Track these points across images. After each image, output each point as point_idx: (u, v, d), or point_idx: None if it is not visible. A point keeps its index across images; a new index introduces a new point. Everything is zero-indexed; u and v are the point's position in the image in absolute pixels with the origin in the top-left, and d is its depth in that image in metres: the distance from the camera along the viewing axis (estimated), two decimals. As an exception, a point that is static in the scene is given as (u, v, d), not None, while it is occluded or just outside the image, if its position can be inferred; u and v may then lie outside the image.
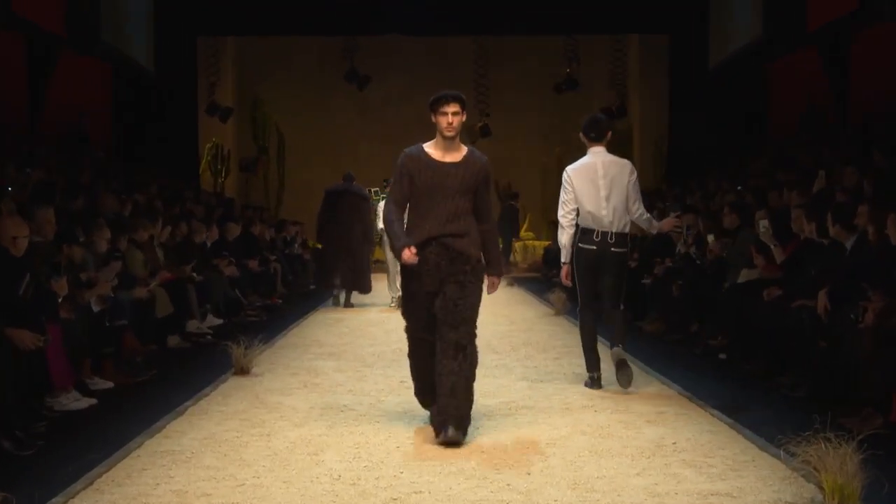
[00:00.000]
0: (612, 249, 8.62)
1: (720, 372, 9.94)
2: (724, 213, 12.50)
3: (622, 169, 8.72)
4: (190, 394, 8.60)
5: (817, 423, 5.60)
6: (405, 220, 7.30)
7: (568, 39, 26.91)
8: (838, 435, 5.39)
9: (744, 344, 10.20)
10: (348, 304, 16.34)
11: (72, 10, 17.71)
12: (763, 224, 10.43)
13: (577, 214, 8.66)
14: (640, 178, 8.94)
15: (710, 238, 12.24)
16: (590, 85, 26.98)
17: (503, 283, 9.00)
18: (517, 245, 25.48)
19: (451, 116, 7.27)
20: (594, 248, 8.62)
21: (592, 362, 8.93)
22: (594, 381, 8.88)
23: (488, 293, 7.40)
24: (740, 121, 21.84)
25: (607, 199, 8.57)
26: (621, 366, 8.58)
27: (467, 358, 7.05)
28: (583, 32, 26.02)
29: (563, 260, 8.90)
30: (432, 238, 7.07)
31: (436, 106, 7.41)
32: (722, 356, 10.64)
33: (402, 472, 6.10)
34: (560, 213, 8.79)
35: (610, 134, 8.89)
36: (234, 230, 16.12)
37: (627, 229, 8.77)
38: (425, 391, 7.47)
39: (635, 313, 14.11)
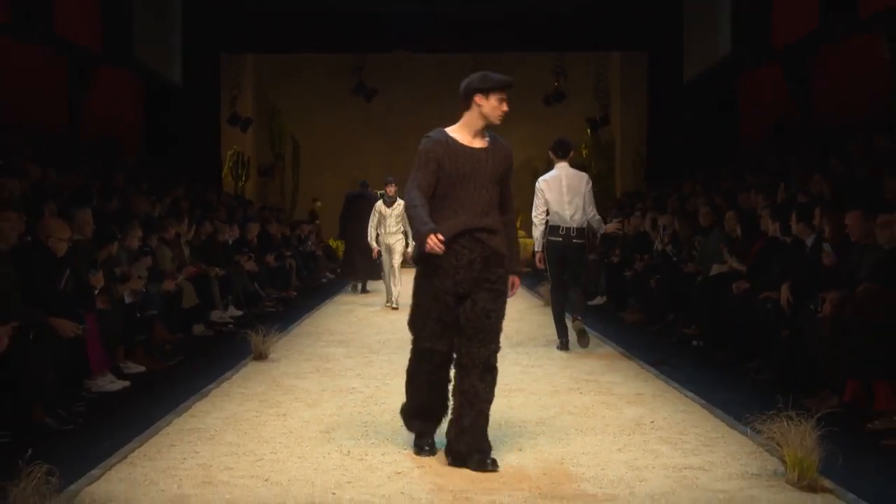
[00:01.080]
0: (574, 241, 10.12)
1: (694, 358, 9.96)
2: (698, 214, 12.51)
3: (580, 180, 10.22)
4: (213, 377, 8.63)
5: (780, 404, 5.62)
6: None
7: (556, 56, 26.89)
8: (799, 414, 5.41)
9: (715, 333, 10.21)
10: (364, 290, 17.60)
11: (108, 28, 17.84)
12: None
13: (547, 214, 10.09)
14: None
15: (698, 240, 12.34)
16: (576, 97, 26.95)
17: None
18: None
19: (505, 104, 6.42)
20: (560, 240, 10.09)
21: (561, 330, 10.38)
22: (563, 345, 10.26)
23: (509, 296, 6.10)
24: (712, 130, 21.81)
25: (570, 203, 10.07)
26: (581, 333, 10.04)
27: (494, 380, 5.88)
28: (569, 49, 25.97)
29: (536, 249, 10.40)
30: (467, 231, 5.82)
31: (491, 89, 6.45)
32: (695, 343, 10.66)
33: (405, 449, 6.12)
34: (534, 213, 10.23)
35: (572, 153, 10.46)
36: (253, 229, 16.13)
37: (585, 226, 10.22)
38: (422, 413, 6.12)
39: (617, 305, 14.19)
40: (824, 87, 17.37)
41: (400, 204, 14.14)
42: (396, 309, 14.13)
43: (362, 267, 16.99)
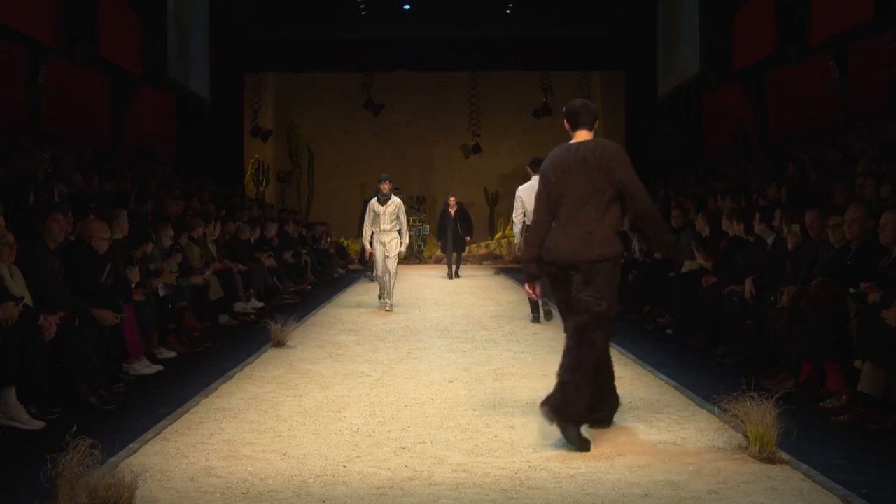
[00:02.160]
0: None
1: (667, 344, 9.94)
2: (671, 216, 12.47)
3: None
4: (237, 362, 8.64)
5: (744, 385, 5.62)
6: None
7: (544, 74, 26.89)
8: (760, 394, 5.41)
9: (686, 322, 10.20)
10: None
11: (146, 52, 17.94)
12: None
13: (524, 216, 10.96)
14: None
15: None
16: (561, 111, 26.80)
17: (491, 271, 13.77)
18: (503, 241, 25.47)
19: None
20: None
21: (533, 307, 11.83)
22: (535, 319, 11.71)
23: None
24: (682, 141, 21.91)
25: None
26: (547, 313, 11.59)
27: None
28: (556, 69, 26.03)
29: (516, 241, 11.96)
30: None
31: None
32: (669, 331, 10.64)
33: (409, 427, 6.11)
34: (514, 216, 11.37)
35: None
36: (273, 229, 16.10)
37: None
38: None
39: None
40: (779, 105, 17.59)
41: (394, 202, 13.02)
42: (390, 312, 12.88)
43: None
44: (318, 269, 18.87)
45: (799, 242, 8.20)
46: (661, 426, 6.09)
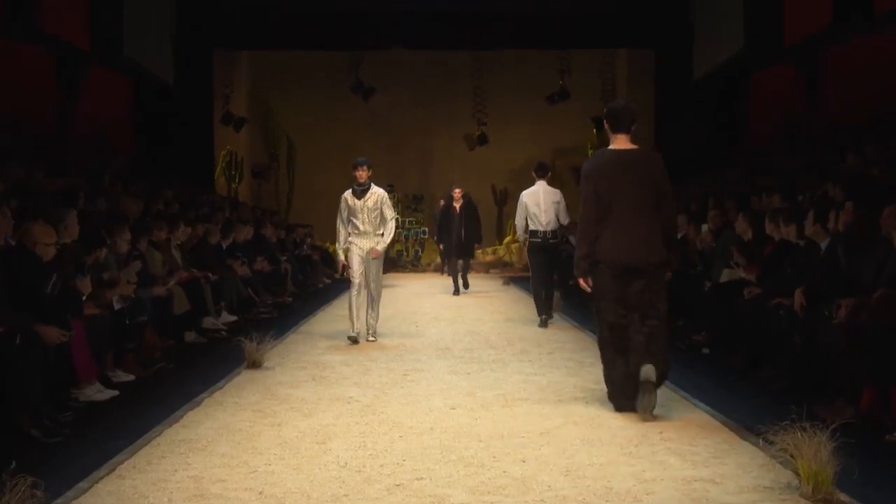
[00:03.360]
0: (550, 241, 13.05)
1: (704, 366, 9.93)
2: (709, 217, 12.48)
3: (554, 195, 13.10)
4: (205, 386, 8.61)
5: (793, 414, 5.60)
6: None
7: (560, 53, 26.92)
8: (813, 424, 5.39)
9: (726, 340, 10.20)
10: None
11: (96, 26, 17.79)
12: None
13: (527, 219, 13.02)
14: None
15: (704, 228, 12.30)
16: (580, 96, 26.95)
17: (500, 281, 14.75)
18: (513, 246, 25.50)
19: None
20: (539, 240, 13.01)
21: (540, 309, 13.19)
22: (543, 322, 13.02)
23: None
24: (722, 130, 21.83)
25: (545, 213, 12.95)
26: (543, 322, 13.00)
27: None
28: (574, 47, 26.04)
29: (520, 241, 13.97)
30: None
31: None
32: (705, 351, 10.63)
33: (404, 461, 6.09)
34: (517, 219, 13.37)
35: (550, 174, 13.52)
36: (247, 232, 16.10)
37: (557, 228, 13.10)
38: None
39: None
40: (837, 87, 17.38)
41: (376, 194, 11.63)
42: (374, 341, 11.63)
43: None
44: (300, 279, 18.89)
45: (859, 246, 8.18)
46: (696, 461, 6.07)
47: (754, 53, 18.95)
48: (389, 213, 11.71)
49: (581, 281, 7.68)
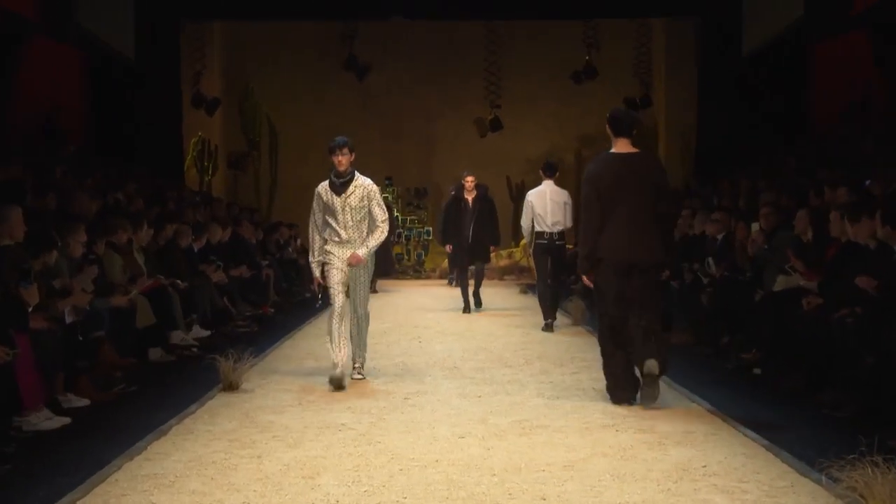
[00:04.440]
0: (556, 242, 14.24)
1: (754, 388, 9.92)
2: (761, 214, 12.45)
3: (561, 196, 14.26)
4: (173, 412, 8.60)
5: (863, 446, 5.59)
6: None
7: (587, 24, 26.91)
8: (887, 458, 5.38)
9: (781, 358, 10.17)
10: (374, 290, 18.68)
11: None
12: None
13: (533, 221, 14.20)
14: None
15: (755, 227, 12.26)
16: (611, 74, 26.94)
17: (516, 289, 16.04)
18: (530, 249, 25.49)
19: None
20: (545, 242, 14.24)
21: (546, 313, 14.45)
22: (548, 326, 14.33)
23: None
24: (777, 113, 21.73)
25: (552, 213, 14.18)
26: (548, 327, 14.30)
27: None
28: (603, 16, 26.04)
29: (526, 242, 15.39)
30: None
31: None
32: (756, 371, 10.61)
33: (405, 498, 6.09)
34: (523, 220, 14.58)
35: (558, 173, 14.65)
36: (222, 233, 16.11)
37: (564, 230, 14.28)
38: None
39: (661, 324, 14.08)
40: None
41: (362, 187, 10.25)
42: (362, 379, 10.44)
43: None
44: (284, 286, 18.91)
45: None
46: (746, 500, 6.06)
47: (817, 21, 18.84)
48: (381, 214, 10.28)
49: (584, 278, 9.37)
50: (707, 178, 21.79)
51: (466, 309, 16.99)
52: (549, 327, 14.29)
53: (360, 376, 10.39)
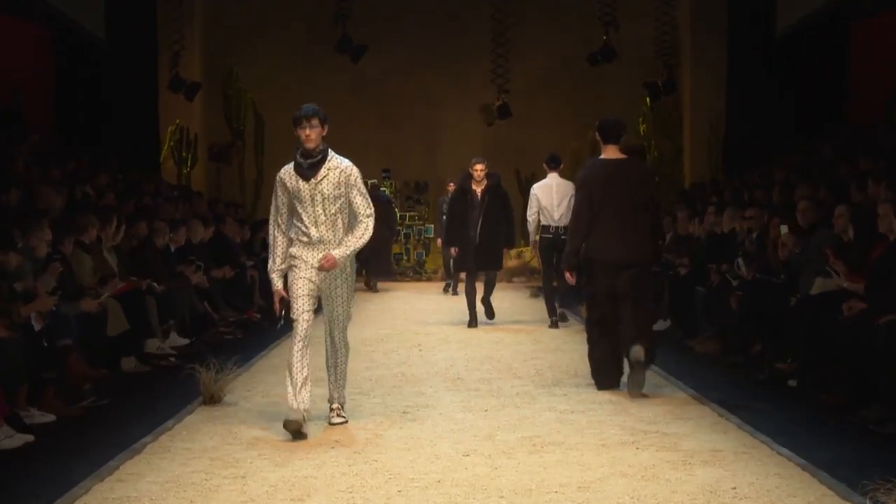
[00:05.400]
0: (562, 237, 14.20)
1: (790, 402, 9.92)
2: (798, 210, 12.44)
3: (567, 189, 14.52)
4: (148, 428, 8.61)
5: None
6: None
7: (605, 1, 26.90)
8: (936, 479, 5.38)
9: (819, 368, 10.17)
10: (375, 289, 22.51)
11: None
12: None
13: (539, 215, 15.20)
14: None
15: (783, 229, 12.22)
16: (631, 55, 26.87)
17: (526, 292, 17.61)
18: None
19: None
20: (550, 236, 15.16)
21: (551, 310, 15.60)
22: (553, 324, 15.47)
23: None
24: (815, 98, 21.72)
25: (557, 207, 15.04)
26: (563, 316, 15.79)
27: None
28: (623, -8, 26.08)
29: (531, 237, 15.98)
30: None
31: None
32: (792, 383, 10.61)
33: (403, 523, 6.10)
34: (528, 214, 15.43)
35: (562, 165, 15.60)
36: (203, 231, 16.11)
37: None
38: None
39: (685, 330, 14.14)
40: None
41: (338, 169, 8.78)
42: (343, 422, 8.98)
43: (372, 266, 22.37)
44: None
45: None
46: (782, 524, 6.05)
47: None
48: (364, 206, 8.83)
49: (567, 274, 10.82)
50: (737, 171, 21.80)
51: (472, 323, 15.89)
52: (554, 324, 15.42)
53: (340, 419, 8.97)
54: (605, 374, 10.37)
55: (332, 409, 9.03)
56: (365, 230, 8.76)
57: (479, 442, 8.19)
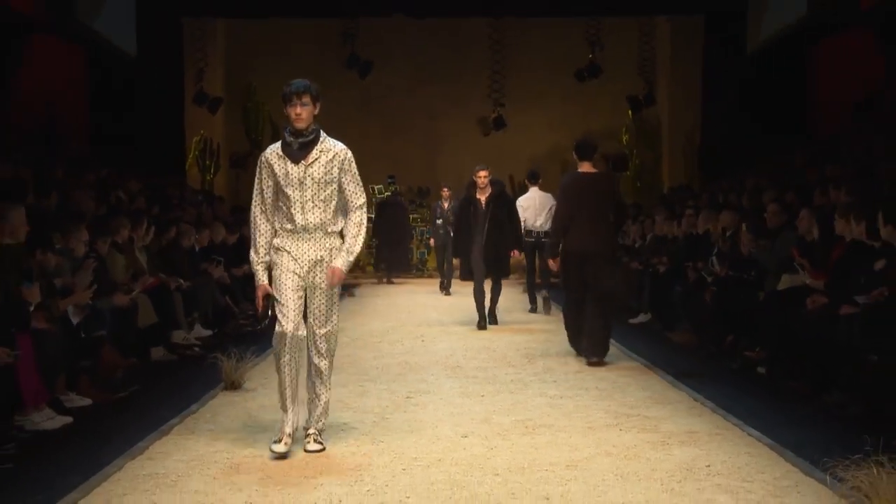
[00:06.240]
0: (542, 239, 15.91)
1: (759, 388, 9.91)
2: (767, 212, 12.45)
3: (546, 201, 16.10)
4: (175, 411, 8.62)
5: (868, 446, 5.58)
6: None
7: (591, 22, 26.88)
8: (892, 458, 5.37)
9: (785, 357, 10.16)
10: (391, 282, 23.75)
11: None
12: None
13: (524, 224, 16.02)
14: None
15: (743, 227, 12.29)
16: (614, 71, 26.87)
17: (520, 289, 18.98)
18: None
19: None
20: (533, 240, 16.38)
21: (532, 298, 17.03)
22: (532, 309, 16.79)
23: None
24: (782, 111, 21.69)
25: (539, 216, 16.28)
26: (533, 310, 16.88)
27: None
28: (607, 14, 26.01)
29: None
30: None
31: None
32: (761, 370, 10.60)
33: (408, 498, 6.10)
34: None
35: (541, 181, 16.78)
36: (225, 232, 16.07)
37: (548, 230, 14.70)
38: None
39: (664, 323, 14.13)
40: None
41: (331, 152, 7.45)
42: (320, 450, 7.31)
43: (389, 261, 24.06)
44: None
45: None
46: (750, 499, 6.06)
47: (822, 19, 18.79)
48: (356, 194, 7.49)
49: (551, 261, 12.18)
50: (711, 177, 21.77)
51: (482, 324, 14.68)
52: (534, 310, 16.78)
53: (317, 446, 7.33)
54: (579, 341, 11.68)
55: (307, 434, 7.40)
56: (360, 227, 7.47)
57: (477, 424, 8.18)
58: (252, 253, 7.49)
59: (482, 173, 14.59)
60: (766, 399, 9.30)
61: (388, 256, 24.06)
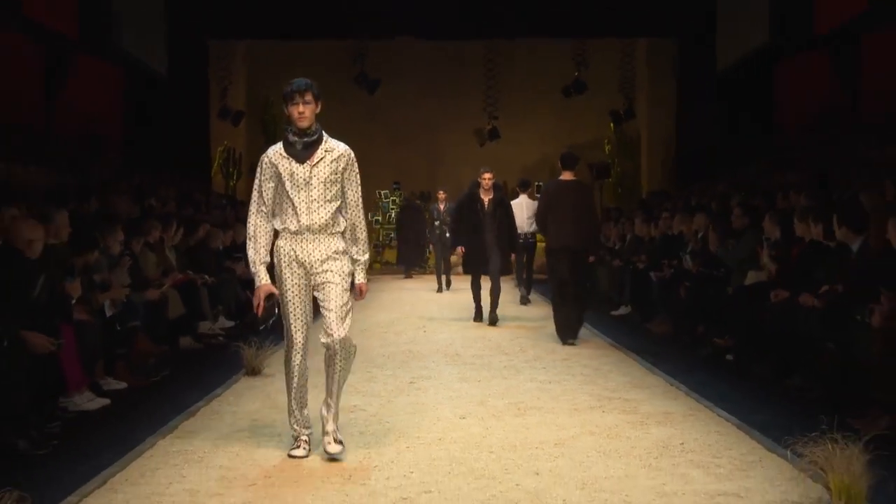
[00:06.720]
0: (529, 240, 16.94)
1: (728, 373, 9.92)
2: (733, 215, 12.47)
3: (534, 207, 15.49)
4: (201, 394, 8.65)
5: (825, 424, 5.60)
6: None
7: (577, 43, 26.86)
8: (845, 436, 5.39)
9: (751, 346, 10.17)
10: (409, 276, 24.28)
11: (85, 13, 17.71)
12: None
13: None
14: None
15: (710, 228, 12.37)
16: (598, 88, 26.86)
17: (511, 283, 18.23)
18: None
19: None
20: (521, 241, 16.01)
21: (520, 289, 17.49)
22: (524, 299, 17.16)
23: None
24: (748, 124, 21.70)
25: (527, 219, 16.47)
26: (524, 300, 17.17)
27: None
28: (591, 36, 25.95)
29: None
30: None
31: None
32: (729, 357, 10.61)
33: (411, 472, 6.10)
34: None
35: (530, 189, 17.72)
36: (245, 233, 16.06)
37: (535, 231, 16.46)
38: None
39: (643, 315, 14.13)
40: (876, 77, 17.08)
41: (335, 151, 6.75)
42: (339, 453, 6.51)
43: (407, 258, 24.76)
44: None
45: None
46: (720, 473, 6.07)
47: (782, 42, 18.87)
48: (356, 200, 6.81)
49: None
50: (685, 183, 21.77)
51: (478, 316, 14.36)
52: (524, 300, 17.09)
53: (337, 447, 6.52)
54: (565, 331, 12.05)
55: (326, 434, 6.61)
56: (364, 236, 6.85)
57: (474, 407, 8.19)
58: (252, 253, 6.66)
59: (487, 175, 14.05)
60: (734, 383, 9.31)
61: (407, 254, 24.79)
